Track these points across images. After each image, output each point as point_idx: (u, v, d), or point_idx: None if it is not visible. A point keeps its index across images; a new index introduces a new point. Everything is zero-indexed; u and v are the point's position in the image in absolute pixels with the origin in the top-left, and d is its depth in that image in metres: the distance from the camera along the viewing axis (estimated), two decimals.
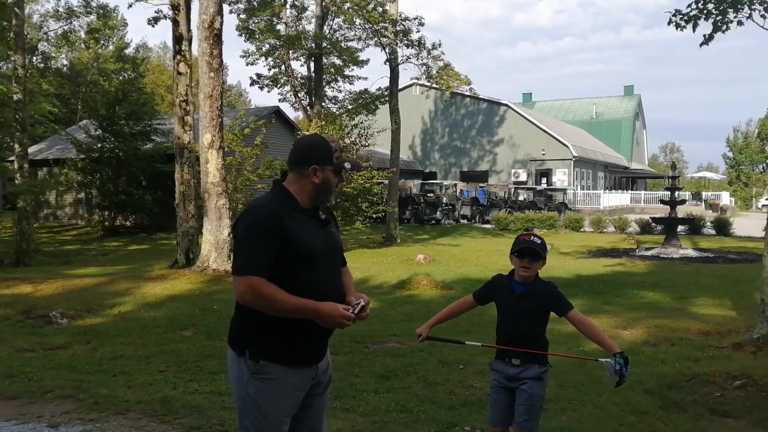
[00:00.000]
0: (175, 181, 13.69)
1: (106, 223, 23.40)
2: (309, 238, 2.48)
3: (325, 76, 23.66)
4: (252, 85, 25.20)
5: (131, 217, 24.04)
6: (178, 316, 8.45)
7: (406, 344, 6.58)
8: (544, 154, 40.58)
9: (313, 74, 23.35)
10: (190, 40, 13.98)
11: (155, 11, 16.80)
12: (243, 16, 22.37)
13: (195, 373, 5.80)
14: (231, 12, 22.19)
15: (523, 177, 40.65)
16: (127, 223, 24.02)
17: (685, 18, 7.74)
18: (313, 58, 23.06)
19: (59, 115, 34.73)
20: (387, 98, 21.78)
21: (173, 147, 14.83)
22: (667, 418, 4.61)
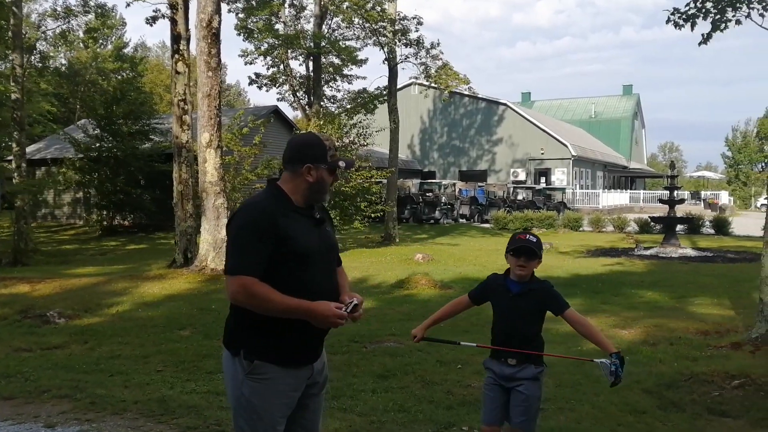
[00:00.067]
0: (173, 180, 13.68)
1: (104, 223, 23.34)
2: (303, 237, 2.46)
3: (323, 76, 23.64)
4: (250, 84, 25.22)
5: (129, 217, 24.00)
6: (175, 316, 8.45)
7: (404, 344, 6.56)
8: (542, 154, 40.58)
9: (312, 73, 23.35)
10: (188, 39, 13.94)
11: (153, 10, 16.75)
12: (241, 15, 22.35)
13: (192, 372, 5.79)
14: (229, 11, 22.18)
15: (522, 176, 40.64)
16: (126, 223, 23.98)
17: (684, 17, 7.74)
18: (311, 58, 23.05)
19: (58, 115, 34.66)
20: (385, 97, 21.76)
21: (171, 146, 14.81)
22: (666, 417, 4.60)
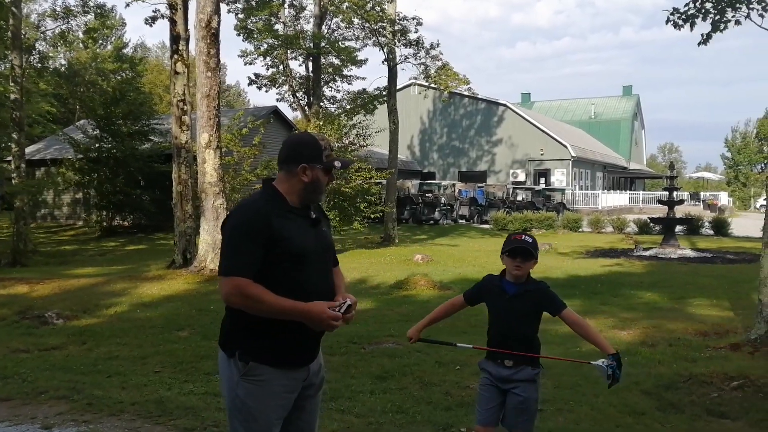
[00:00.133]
0: (173, 181, 13.67)
1: (103, 223, 23.33)
2: (299, 237, 2.44)
3: (323, 76, 23.63)
4: (250, 84, 25.20)
5: (129, 217, 24.00)
6: (174, 317, 8.43)
7: (403, 345, 6.54)
8: (542, 154, 40.57)
9: (312, 74, 23.34)
10: (187, 39, 13.93)
11: (153, 11, 16.80)
12: (241, 16, 22.35)
13: (190, 374, 5.77)
14: (229, 11, 22.17)
15: (521, 177, 40.64)
16: (125, 223, 23.98)
17: (683, 17, 7.74)
18: (311, 58, 23.05)
19: (57, 115, 34.68)
20: (385, 98, 21.76)
21: (171, 147, 14.80)
22: (664, 419, 4.59)
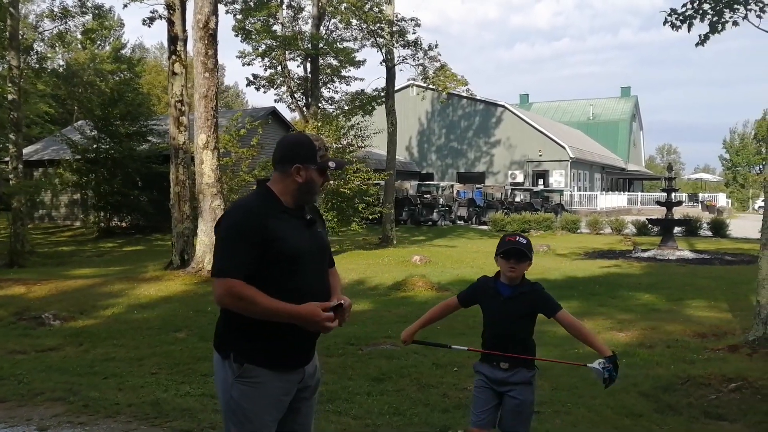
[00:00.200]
0: (170, 181, 13.65)
1: (101, 224, 23.30)
2: (293, 238, 2.42)
3: (321, 77, 23.58)
4: (248, 85, 25.29)
5: (127, 218, 23.97)
6: (171, 318, 8.41)
7: (400, 346, 6.52)
8: (540, 156, 40.60)
9: (310, 75, 23.29)
10: (185, 40, 13.92)
11: (151, 11, 16.77)
12: (239, 17, 22.31)
13: (187, 375, 5.75)
14: (227, 12, 22.14)
15: (519, 178, 40.66)
16: (123, 224, 23.95)
17: (681, 18, 7.74)
18: (309, 59, 23.00)
19: (55, 116, 34.59)
20: (383, 99, 21.75)
21: (168, 147, 14.78)
22: (662, 421, 4.58)
